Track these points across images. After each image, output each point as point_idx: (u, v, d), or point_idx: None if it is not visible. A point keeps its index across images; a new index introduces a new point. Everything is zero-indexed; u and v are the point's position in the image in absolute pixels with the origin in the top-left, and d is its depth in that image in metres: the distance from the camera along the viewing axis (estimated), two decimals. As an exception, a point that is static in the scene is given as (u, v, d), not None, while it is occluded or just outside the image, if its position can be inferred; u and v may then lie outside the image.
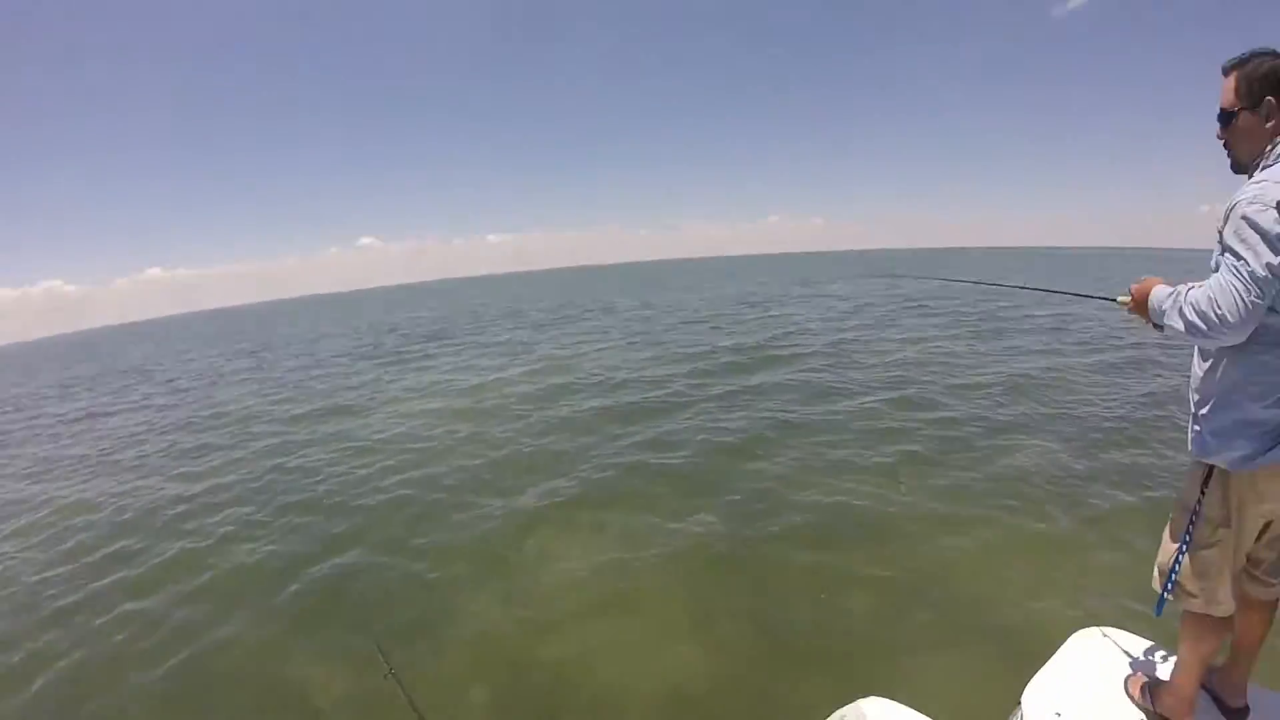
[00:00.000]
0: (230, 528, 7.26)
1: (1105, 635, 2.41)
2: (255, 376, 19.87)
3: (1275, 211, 1.55)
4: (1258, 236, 1.57)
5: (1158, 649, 2.32)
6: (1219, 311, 1.61)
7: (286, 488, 8.43)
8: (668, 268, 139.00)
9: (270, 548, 6.63)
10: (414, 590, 5.57)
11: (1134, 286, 1.91)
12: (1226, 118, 1.79)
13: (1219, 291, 1.62)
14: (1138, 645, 2.36)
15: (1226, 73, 1.79)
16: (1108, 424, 8.22)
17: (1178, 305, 1.73)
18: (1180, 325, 1.72)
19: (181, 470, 9.87)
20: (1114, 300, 2.02)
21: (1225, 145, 1.83)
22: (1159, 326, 1.82)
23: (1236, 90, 1.75)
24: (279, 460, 9.71)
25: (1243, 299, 1.58)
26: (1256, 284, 1.57)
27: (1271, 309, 1.64)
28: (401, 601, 5.40)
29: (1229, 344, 1.71)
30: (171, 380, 21.72)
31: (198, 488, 8.78)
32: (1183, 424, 2.00)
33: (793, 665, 4.11)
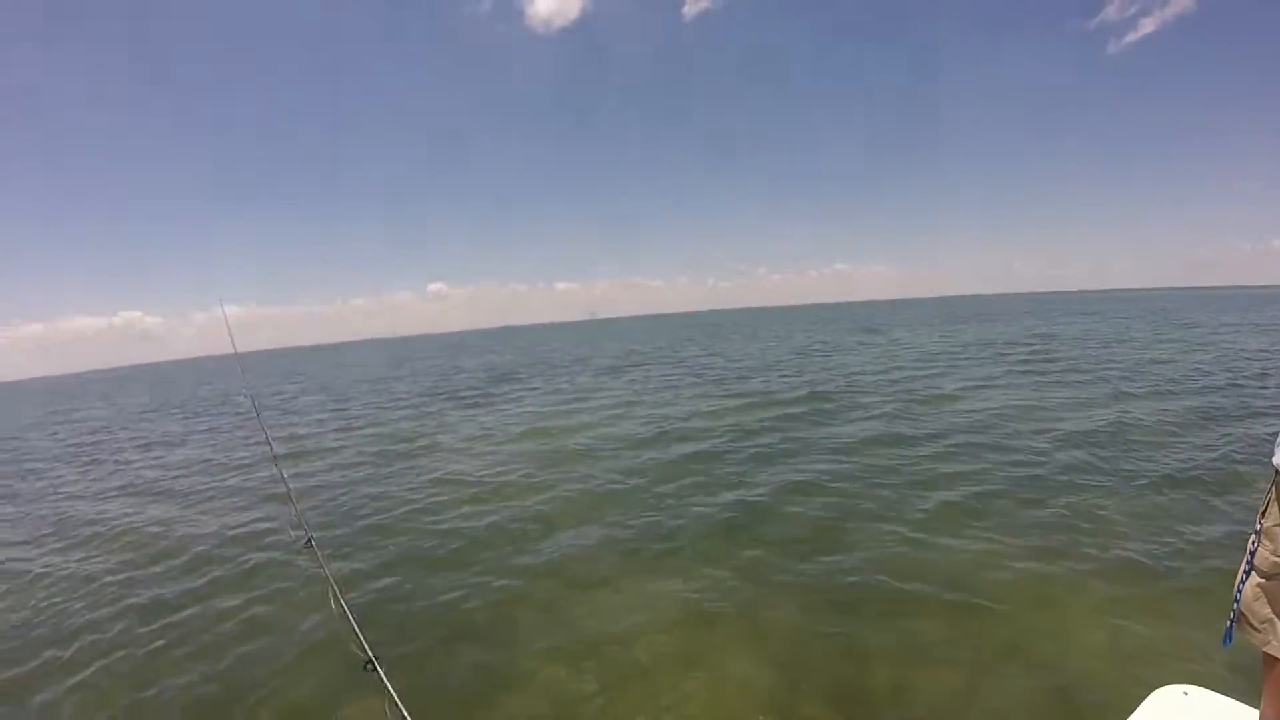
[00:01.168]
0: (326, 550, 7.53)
1: (1186, 694, 2.32)
2: (332, 412, 20.90)
3: None
4: None
5: (1241, 706, 2.21)
6: None
7: (363, 519, 8.67)
8: (738, 316, 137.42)
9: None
10: (474, 632, 5.47)
11: None
12: None
13: None
14: (1219, 703, 2.25)
15: None
16: (1190, 472, 7.81)
17: None
18: None
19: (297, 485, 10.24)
20: None
21: None
22: None
23: None
24: (358, 492, 10.06)
25: None
26: None
27: None
28: (461, 645, 5.28)
29: None
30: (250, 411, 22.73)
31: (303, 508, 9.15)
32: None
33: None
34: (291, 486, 2.17)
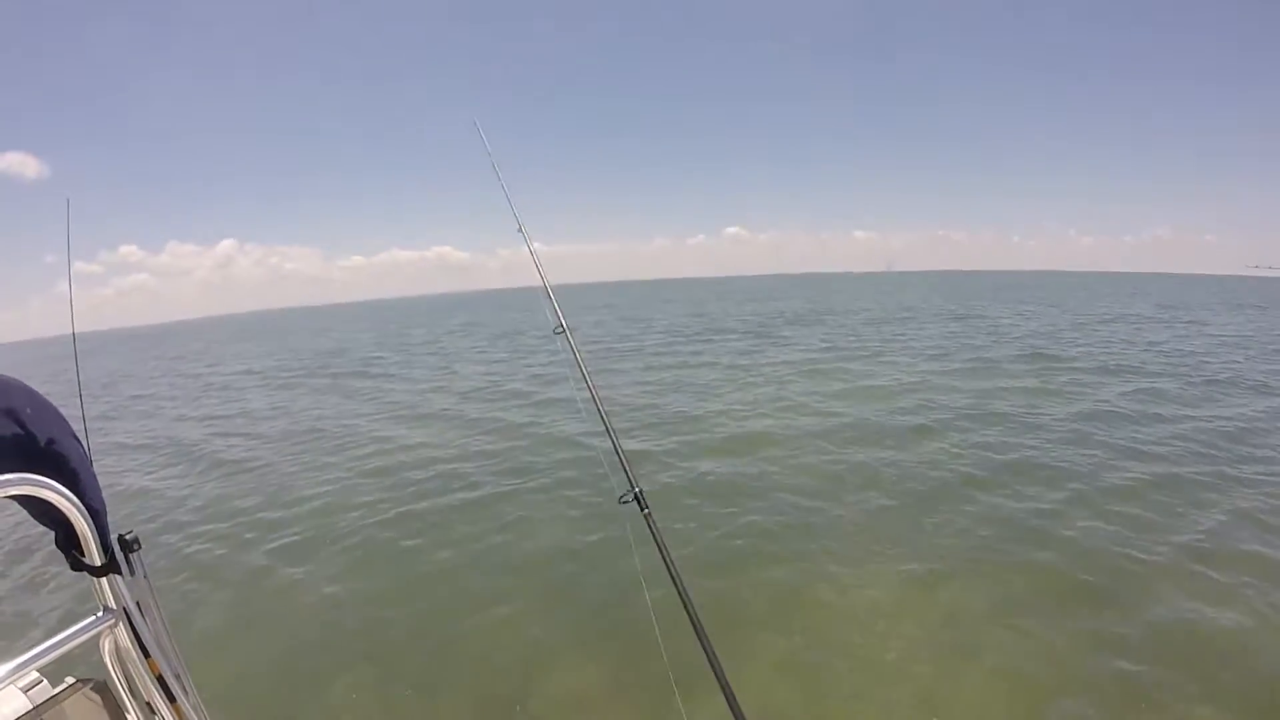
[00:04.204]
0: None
1: None
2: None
3: None
4: None
5: None
6: None
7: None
8: (1041, 279, 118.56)
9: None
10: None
11: None
12: None
13: None
14: None
15: None
16: None
17: None
18: None
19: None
20: None
21: None
22: None
23: None
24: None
25: None
26: None
27: None
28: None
29: None
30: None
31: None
32: None
33: None
34: (600, 398, 2.11)
